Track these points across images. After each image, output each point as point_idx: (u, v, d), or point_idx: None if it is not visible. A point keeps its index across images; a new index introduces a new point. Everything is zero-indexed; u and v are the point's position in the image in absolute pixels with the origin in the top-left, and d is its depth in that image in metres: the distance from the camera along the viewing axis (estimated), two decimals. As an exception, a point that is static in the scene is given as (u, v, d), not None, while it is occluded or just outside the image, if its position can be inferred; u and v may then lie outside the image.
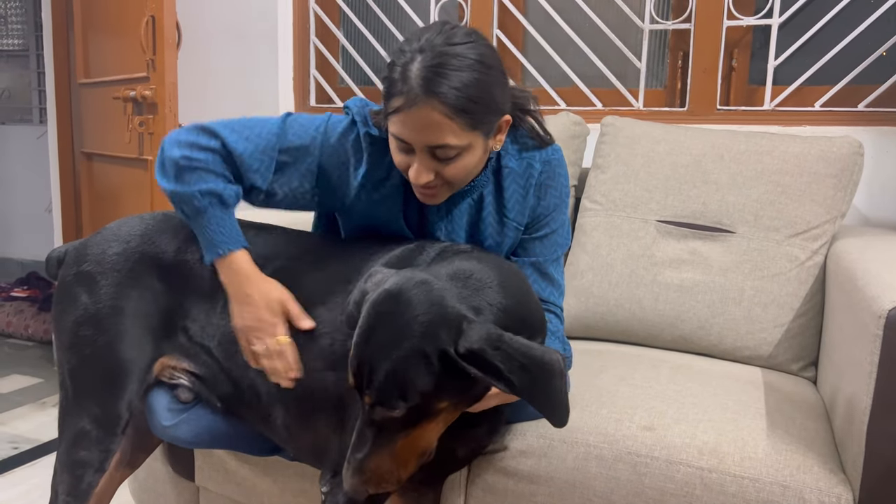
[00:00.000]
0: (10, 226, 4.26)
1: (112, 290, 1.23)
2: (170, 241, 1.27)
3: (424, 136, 1.09)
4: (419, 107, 1.06)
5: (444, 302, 0.94)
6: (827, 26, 1.94)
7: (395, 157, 1.16)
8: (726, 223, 1.66)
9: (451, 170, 1.13)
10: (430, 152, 1.11)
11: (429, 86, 1.05)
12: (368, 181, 1.24)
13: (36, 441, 2.27)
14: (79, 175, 2.81)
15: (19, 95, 4.29)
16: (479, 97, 1.08)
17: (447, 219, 1.28)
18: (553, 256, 1.30)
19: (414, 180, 1.14)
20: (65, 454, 1.25)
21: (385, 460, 0.94)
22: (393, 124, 1.11)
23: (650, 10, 2.10)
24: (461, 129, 1.08)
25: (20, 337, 3.28)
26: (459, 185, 1.19)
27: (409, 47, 1.08)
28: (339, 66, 2.57)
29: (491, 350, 0.90)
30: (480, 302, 0.98)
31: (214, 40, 2.64)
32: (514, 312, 1.02)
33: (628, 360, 1.56)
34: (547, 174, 1.28)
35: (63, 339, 1.25)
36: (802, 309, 1.58)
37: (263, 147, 1.22)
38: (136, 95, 2.09)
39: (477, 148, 1.14)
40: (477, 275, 1.01)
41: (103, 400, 1.23)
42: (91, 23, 2.55)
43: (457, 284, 0.98)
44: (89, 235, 1.31)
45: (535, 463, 1.26)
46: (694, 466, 1.18)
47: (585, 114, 2.02)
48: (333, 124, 1.24)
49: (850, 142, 1.65)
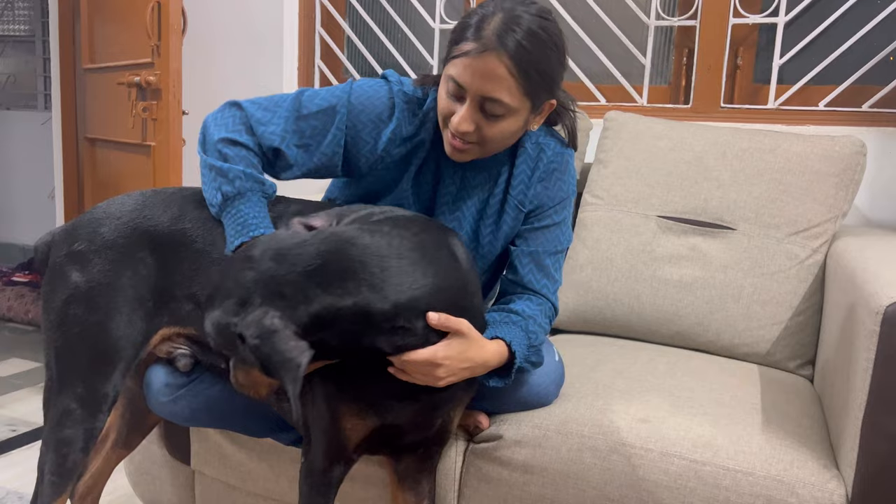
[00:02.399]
0: (13, 211, 4.27)
1: (105, 267, 1.22)
2: (163, 213, 1.26)
3: (482, 85, 1.11)
4: (488, 55, 1.10)
5: (244, 281, 0.99)
6: (832, 26, 1.94)
7: (442, 102, 1.18)
8: (727, 220, 1.66)
9: (491, 129, 1.15)
10: (480, 103, 1.13)
11: (503, 39, 1.09)
12: (397, 136, 1.26)
13: (34, 424, 2.28)
14: (82, 161, 2.82)
15: (24, 81, 4.29)
16: (543, 69, 1.13)
17: (460, 184, 1.30)
18: (552, 249, 1.30)
19: (455, 126, 1.15)
20: (50, 433, 1.24)
21: (243, 377, 1.07)
22: (454, 66, 1.14)
23: (656, 6, 2.09)
24: (517, 90, 1.12)
25: (20, 321, 3.29)
26: (491, 149, 1.20)
27: (492, 4, 1.13)
28: (343, 56, 2.57)
29: (249, 346, 0.96)
30: (293, 290, 0.98)
31: (220, 27, 2.64)
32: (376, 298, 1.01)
33: (626, 354, 1.57)
34: (557, 163, 1.30)
35: (51, 319, 1.24)
36: (801, 307, 1.58)
37: (293, 124, 1.26)
38: (141, 81, 2.09)
39: (520, 117, 1.17)
40: (342, 255, 1.01)
41: (90, 379, 1.22)
42: (97, 9, 2.55)
43: (282, 267, 0.99)
44: (79, 216, 1.30)
45: (530, 453, 1.26)
46: (688, 459, 1.18)
47: (589, 109, 2.02)
48: (359, 84, 1.28)
49: (853, 142, 1.65)
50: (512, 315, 1.23)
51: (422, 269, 1.04)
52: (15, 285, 3.46)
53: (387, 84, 1.28)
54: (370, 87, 1.28)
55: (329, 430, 1.12)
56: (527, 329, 1.21)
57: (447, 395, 1.14)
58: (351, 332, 1.00)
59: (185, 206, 1.27)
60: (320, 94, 1.27)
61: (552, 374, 1.29)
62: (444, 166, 1.29)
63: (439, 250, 1.08)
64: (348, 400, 1.10)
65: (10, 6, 4.20)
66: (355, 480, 1.36)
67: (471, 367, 1.10)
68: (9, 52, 4.31)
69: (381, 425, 1.12)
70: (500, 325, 1.19)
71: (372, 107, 1.26)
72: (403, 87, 1.27)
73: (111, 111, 2.42)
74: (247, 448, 1.45)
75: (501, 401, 1.28)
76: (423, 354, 1.04)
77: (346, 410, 1.11)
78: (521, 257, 1.29)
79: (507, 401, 1.27)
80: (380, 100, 1.26)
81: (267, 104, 1.26)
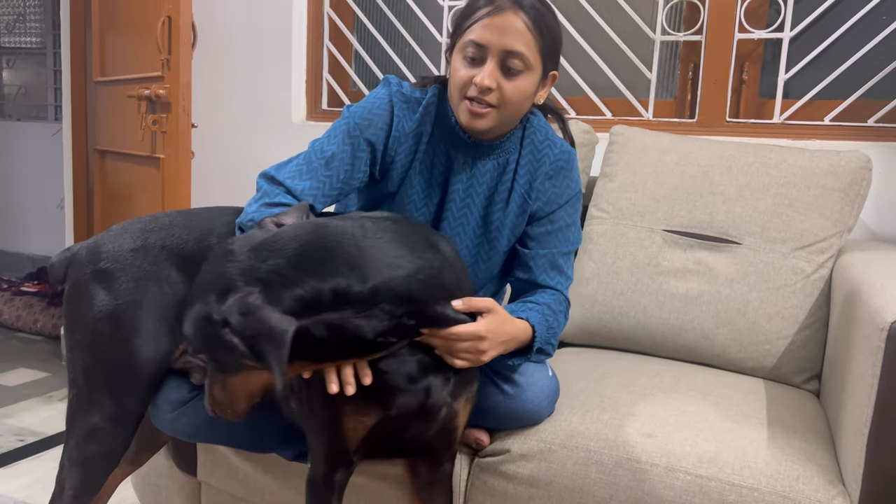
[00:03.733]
0: (22, 221, 4.30)
1: (131, 286, 1.23)
2: (189, 233, 1.29)
3: (504, 39, 1.18)
4: (506, 12, 1.18)
5: (224, 272, 0.99)
6: (838, 41, 1.95)
7: (458, 74, 1.23)
8: (733, 234, 1.67)
9: (510, 87, 1.20)
10: (501, 60, 1.19)
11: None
12: (399, 133, 1.30)
13: (41, 434, 2.28)
14: (92, 172, 2.84)
15: (35, 93, 4.33)
16: (551, 30, 1.23)
17: (470, 172, 1.32)
18: (565, 250, 1.35)
19: (479, 82, 1.19)
20: (74, 450, 1.25)
21: (219, 391, 1.05)
22: (472, 32, 1.20)
23: (662, 21, 2.11)
24: (534, 45, 1.20)
25: (28, 331, 3.31)
26: (507, 112, 1.24)
27: None
28: (351, 70, 2.59)
29: (235, 318, 0.95)
30: (274, 276, 0.97)
31: (229, 41, 2.67)
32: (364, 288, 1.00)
33: (631, 367, 1.57)
34: (564, 161, 1.35)
35: (78, 338, 1.25)
36: (807, 321, 1.58)
37: (324, 172, 1.28)
38: (151, 94, 2.11)
39: (534, 76, 1.23)
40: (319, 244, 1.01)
41: (118, 396, 1.24)
42: (108, 22, 2.58)
43: (260, 256, 0.99)
44: (98, 234, 1.32)
45: (536, 467, 1.26)
46: (693, 474, 1.18)
47: (595, 123, 2.03)
48: (356, 105, 1.31)
49: (859, 156, 1.65)
50: (528, 303, 1.28)
51: (398, 251, 1.03)
52: (24, 295, 3.48)
53: (386, 86, 1.32)
54: (367, 100, 1.31)
55: (329, 434, 1.13)
56: (544, 313, 1.26)
57: (441, 383, 1.12)
58: (336, 317, 0.98)
59: (212, 225, 1.30)
60: (328, 133, 1.30)
61: (546, 389, 1.29)
62: (454, 155, 1.32)
63: (416, 235, 1.08)
64: (346, 400, 1.09)
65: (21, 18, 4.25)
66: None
67: (507, 340, 1.15)
68: (20, 63, 4.36)
69: (380, 421, 1.11)
70: (520, 311, 1.24)
71: (376, 116, 1.29)
72: (402, 89, 1.32)
73: (121, 123, 2.45)
74: (252, 460, 1.45)
75: (496, 417, 1.28)
76: (470, 327, 1.07)
77: (346, 411, 1.10)
78: (537, 259, 1.33)
79: (502, 417, 1.28)
80: (380, 107, 1.30)
81: (296, 170, 1.28)
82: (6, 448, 2.18)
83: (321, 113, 2.63)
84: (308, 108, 2.63)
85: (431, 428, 1.15)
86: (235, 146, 2.69)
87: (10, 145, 4.32)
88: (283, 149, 2.58)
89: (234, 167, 2.69)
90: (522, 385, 1.27)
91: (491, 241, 1.35)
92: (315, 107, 2.63)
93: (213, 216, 1.33)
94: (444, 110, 1.30)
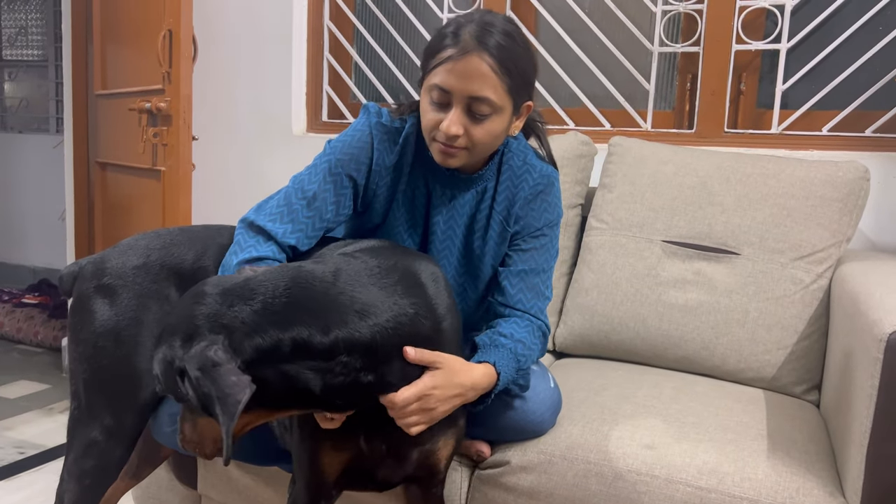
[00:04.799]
0: (24, 233, 4.31)
1: (133, 303, 1.25)
2: (188, 251, 1.30)
3: (469, 85, 1.14)
4: (470, 56, 1.13)
5: (191, 315, 0.96)
6: (835, 52, 1.96)
7: (427, 116, 1.20)
8: (731, 245, 1.67)
9: (479, 131, 1.18)
10: (467, 105, 1.16)
11: (482, 39, 1.14)
12: (381, 167, 1.29)
13: (42, 447, 2.28)
14: (93, 184, 2.85)
15: (37, 105, 4.35)
16: (519, 66, 1.17)
17: (449, 205, 1.31)
18: (540, 268, 1.32)
19: (445, 130, 1.17)
20: (73, 463, 1.26)
21: (189, 429, 1.04)
22: (437, 75, 1.16)
23: (659, 32, 2.12)
24: (501, 88, 1.16)
25: (29, 343, 3.31)
26: (479, 152, 1.22)
27: (461, 17, 1.18)
28: (351, 82, 2.60)
29: (192, 372, 0.92)
30: (237, 323, 0.95)
31: (230, 54, 2.68)
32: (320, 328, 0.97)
33: (631, 378, 1.57)
34: (543, 185, 1.32)
35: (80, 351, 1.26)
36: (806, 332, 1.58)
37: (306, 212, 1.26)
38: (152, 107, 2.13)
39: (505, 117, 1.20)
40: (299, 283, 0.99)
41: (117, 411, 1.24)
42: (109, 35, 2.60)
43: (227, 301, 0.96)
44: (106, 249, 1.33)
45: (536, 479, 1.26)
46: (693, 486, 1.18)
47: (594, 134, 2.04)
48: (335, 139, 1.30)
49: (856, 167, 1.66)
50: (501, 338, 1.23)
51: (370, 297, 1.00)
52: (25, 307, 3.49)
53: (366, 116, 1.30)
54: (348, 133, 1.30)
55: (309, 466, 1.13)
56: (515, 352, 1.21)
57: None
58: (292, 368, 0.96)
59: (207, 244, 1.30)
60: (309, 170, 1.28)
61: (548, 401, 1.29)
62: (432, 188, 1.31)
63: (396, 274, 1.05)
64: (324, 436, 1.09)
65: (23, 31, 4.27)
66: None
67: (461, 392, 1.10)
68: (22, 76, 4.38)
69: (354, 458, 1.11)
70: (489, 348, 1.20)
71: (357, 150, 1.28)
72: (381, 119, 1.29)
73: (122, 136, 2.46)
74: (253, 473, 1.45)
75: (497, 429, 1.28)
76: (412, 390, 1.03)
77: (322, 446, 1.11)
78: (511, 277, 1.30)
79: (504, 429, 1.28)
80: (361, 140, 1.28)
81: (277, 212, 1.25)
82: (7, 461, 2.18)
83: (321, 125, 2.64)
84: (308, 120, 2.64)
85: (405, 468, 1.15)
86: (236, 158, 2.70)
87: (13, 157, 4.33)
88: (284, 160, 2.60)
89: (235, 179, 2.70)
90: (525, 396, 1.27)
91: (475, 269, 1.34)
92: (315, 119, 2.64)
93: (209, 235, 1.34)
94: (422, 142, 1.28)
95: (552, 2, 2.28)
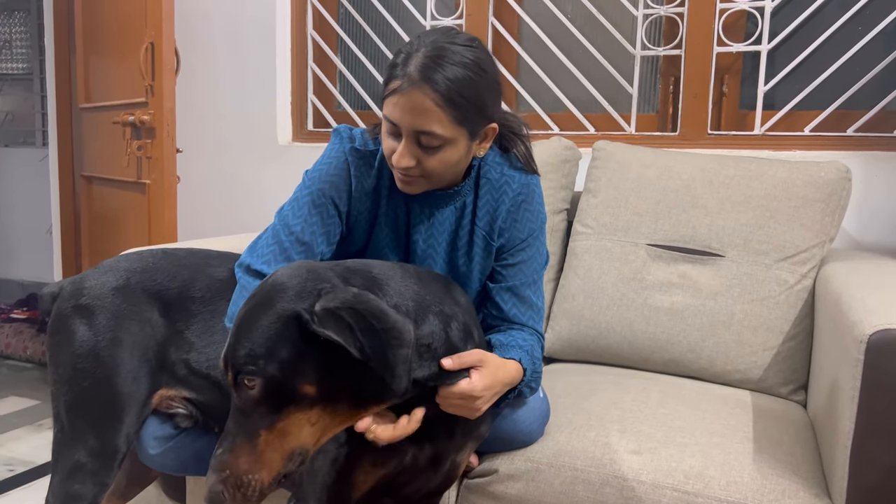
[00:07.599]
0: (11, 247, 4.28)
1: (111, 324, 1.24)
2: (172, 279, 1.29)
3: (413, 120, 1.13)
4: (413, 91, 1.12)
5: (308, 274, 0.95)
6: (816, 52, 1.97)
7: (385, 142, 1.21)
8: (716, 247, 1.68)
9: (431, 161, 1.17)
10: (415, 138, 1.15)
11: (425, 73, 1.11)
12: (360, 193, 1.29)
13: (32, 463, 2.27)
14: (79, 198, 2.85)
15: (23, 118, 4.33)
16: (470, 95, 1.13)
17: (428, 223, 1.30)
18: (530, 280, 1.30)
19: (395, 163, 1.17)
20: (58, 486, 1.24)
21: (245, 454, 0.87)
22: (387, 106, 1.16)
23: (641, 36, 2.13)
24: (448, 121, 1.13)
25: (18, 358, 3.29)
26: (437, 180, 1.22)
27: (416, 41, 1.16)
28: (336, 91, 2.60)
29: (345, 309, 0.88)
30: (355, 278, 0.97)
31: (213, 65, 2.68)
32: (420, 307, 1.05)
33: (619, 383, 1.57)
34: (525, 196, 1.30)
35: (60, 373, 1.25)
36: (792, 332, 1.59)
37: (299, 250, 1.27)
38: (135, 120, 2.12)
39: (460, 145, 1.18)
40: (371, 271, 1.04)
41: (101, 433, 1.23)
42: (92, 48, 2.60)
43: (336, 268, 0.99)
44: (88, 270, 1.33)
45: (524, 487, 1.26)
46: (680, 491, 1.18)
47: (579, 138, 2.04)
48: (312, 169, 1.30)
49: (838, 167, 1.67)
50: (517, 339, 1.25)
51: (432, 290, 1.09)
52: (13, 322, 3.46)
53: (339, 141, 1.30)
54: (323, 161, 1.30)
55: (334, 484, 1.09)
56: (532, 354, 1.23)
57: (455, 441, 1.15)
58: None
59: (195, 273, 1.30)
60: (291, 203, 1.28)
61: (536, 410, 1.29)
62: (411, 207, 1.31)
63: (439, 283, 1.13)
64: (365, 448, 1.07)
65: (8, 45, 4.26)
66: None
67: (500, 389, 1.13)
68: (7, 89, 4.36)
69: (391, 473, 1.10)
70: (509, 347, 1.21)
71: (336, 177, 1.28)
72: (354, 144, 1.29)
73: (107, 149, 2.45)
74: (242, 486, 1.44)
75: (486, 439, 1.28)
76: (463, 388, 1.06)
77: (359, 461, 1.09)
78: (502, 293, 1.29)
79: (492, 439, 1.28)
80: (337, 167, 1.28)
81: (268, 252, 1.25)
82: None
83: (307, 134, 2.64)
84: (294, 129, 2.63)
85: (435, 479, 1.16)
86: (221, 169, 2.70)
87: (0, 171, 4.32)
88: (270, 170, 2.60)
89: (220, 190, 2.69)
90: (514, 406, 1.27)
91: (461, 285, 1.32)
92: (301, 128, 2.64)
93: (195, 262, 1.33)
94: None
95: (535, 7, 2.29)
